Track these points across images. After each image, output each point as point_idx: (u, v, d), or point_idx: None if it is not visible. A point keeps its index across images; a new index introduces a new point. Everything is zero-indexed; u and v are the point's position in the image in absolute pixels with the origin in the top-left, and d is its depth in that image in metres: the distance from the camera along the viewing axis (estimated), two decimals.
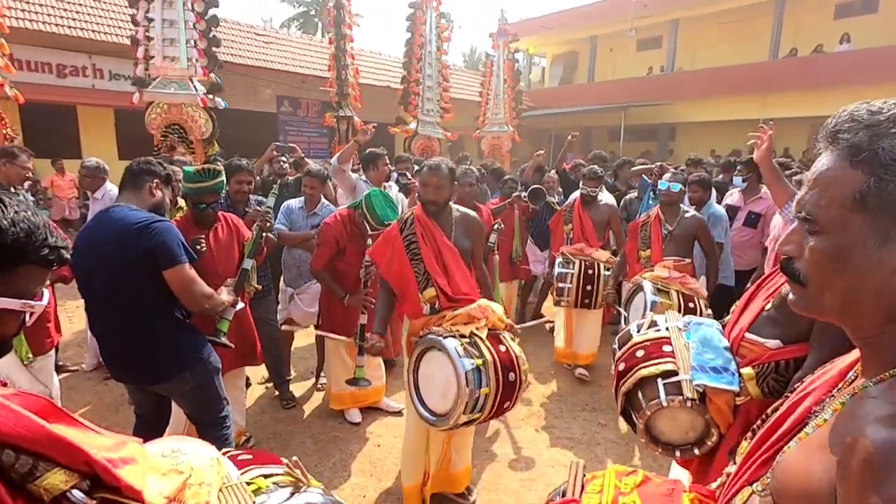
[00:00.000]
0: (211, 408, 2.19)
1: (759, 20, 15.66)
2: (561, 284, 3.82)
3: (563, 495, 0.99)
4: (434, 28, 9.16)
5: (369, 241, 3.13)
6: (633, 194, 5.14)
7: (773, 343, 1.67)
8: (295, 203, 3.67)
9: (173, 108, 6.44)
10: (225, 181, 3.11)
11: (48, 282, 0.89)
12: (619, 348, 1.95)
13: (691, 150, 11.53)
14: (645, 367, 1.78)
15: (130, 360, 2.06)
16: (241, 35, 13.56)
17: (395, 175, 4.79)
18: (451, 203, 2.50)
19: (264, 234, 2.85)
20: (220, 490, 0.93)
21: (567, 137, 5.87)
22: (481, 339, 2.12)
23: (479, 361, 2.03)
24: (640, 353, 1.84)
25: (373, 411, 3.44)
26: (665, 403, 1.68)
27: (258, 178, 4.71)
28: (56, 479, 0.72)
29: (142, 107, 6.27)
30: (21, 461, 0.69)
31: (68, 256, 0.89)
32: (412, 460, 2.46)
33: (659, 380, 1.74)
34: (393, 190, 4.30)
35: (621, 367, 1.88)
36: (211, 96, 6.66)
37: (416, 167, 4.64)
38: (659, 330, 1.92)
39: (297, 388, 3.76)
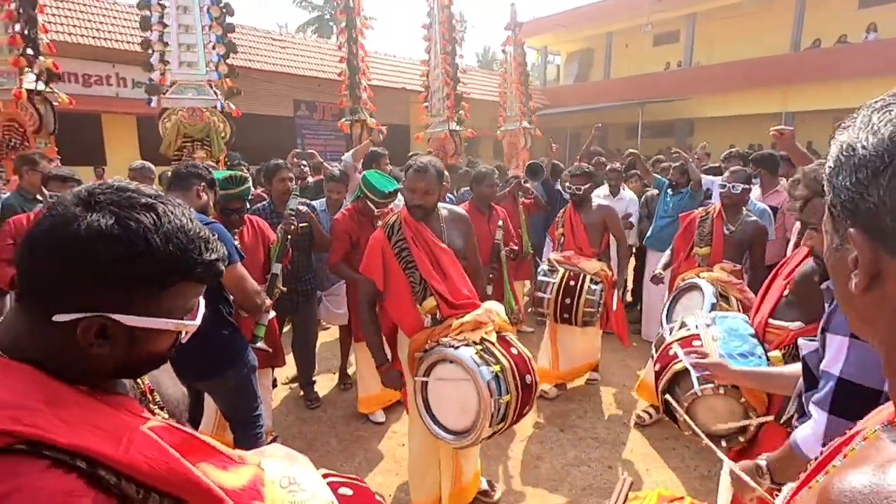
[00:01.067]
0: (247, 406, 2.24)
1: (780, 11, 15.34)
2: (540, 294, 3.38)
3: None
4: (438, 27, 9.15)
5: (379, 224, 3.16)
6: (655, 191, 5.09)
7: (795, 325, 1.76)
8: (317, 206, 3.72)
9: (193, 114, 6.58)
10: (251, 187, 3.19)
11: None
12: (656, 351, 2.05)
13: (711, 146, 11.32)
14: (678, 362, 1.85)
15: (179, 356, 2.10)
16: (258, 40, 13.76)
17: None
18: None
19: (289, 237, 2.91)
20: None
21: (591, 132, 5.76)
22: (493, 343, 2.01)
23: (497, 368, 1.93)
24: (672, 352, 1.92)
25: (395, 411, 3.48)
26: (699, 392, 1.77)
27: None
28: None
29: (155, 113, 6.40)
30: None
31: (223, 269, 0.78)
32: (421, 475, 2.37)
33: (692, 372, 1.80)
34: None
35: (657, 367, 1.97)
36: (229, 103, 6.81)
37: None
38: (689, 329, 2.00)
39: (321, 389, 3.81)
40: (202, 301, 0.81)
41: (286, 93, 13.95)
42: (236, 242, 2.75)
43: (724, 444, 1.81)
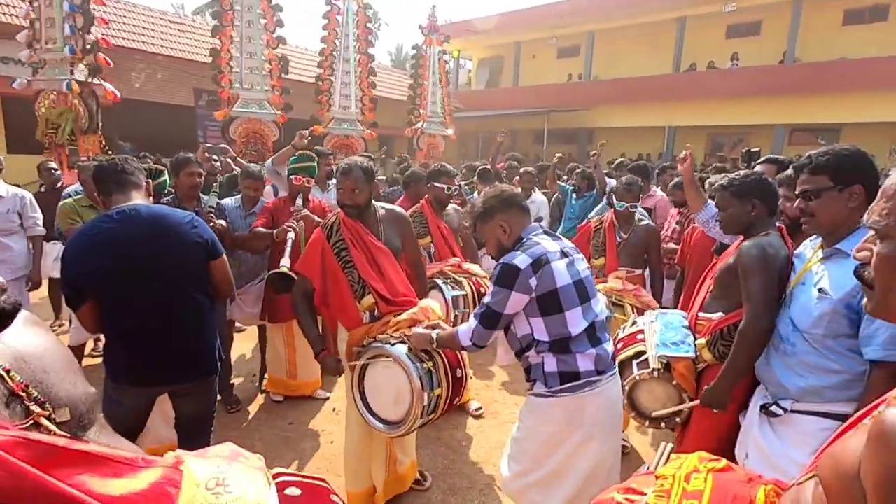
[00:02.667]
0: (214, 404, 2.19)
1: (664, 35, 17.16)
2: (458, 311, 3.03)
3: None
4: (352, 20, 8.98)
5: (298, 201, 3.32)
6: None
7: (716, 315, 2.03)
8: (231, 202, 3.58)
9: (61, 97, 5.93)
10: (168, 181, 3.01)
11: None
12: None
13: (607, 154, 12.42)
14: (622, 352, 2.14)
15: (188, 355, 1.96)
16: (152, 21, 12.64)
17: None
18: (373, 202, 2.40)
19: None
20: None
21: (497, 139, 6.05)
22: None
23: (430, 364, 2.04)
24: (619, 346, 2.20)
25: (321, 409, 3.48)
26: (637, 377, 2.02)
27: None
28: None
29: (29, 94, 5.71)
30: None
31: None
32: (356, 465, 2.43)
33: (633, 360, 2.10)
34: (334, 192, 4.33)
35: None
36: (98, 82, 6.20)
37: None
38: (637, 325, 2.29)
39: (241, 392, 3.67)
40: None
41: (186, 80, 12.94)
42: None
43: (663, 425, 2.08)
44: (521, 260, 1.72)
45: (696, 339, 2.07)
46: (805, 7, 14.72)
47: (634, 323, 2.36)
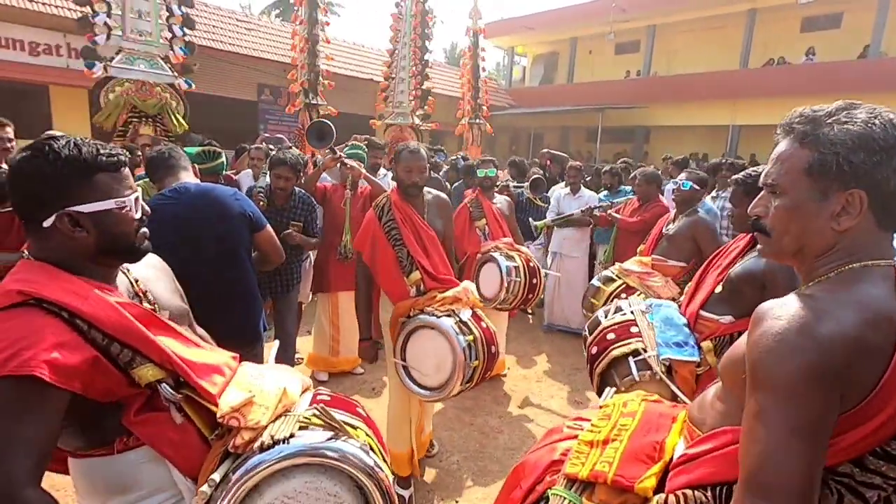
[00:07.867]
0: None
1: (731, 29, 16.27)
2: (511, 279, 3.29)
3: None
4: (409, 20, 9.21)
5: (348, 193, 3.55)
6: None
7: (726, 319, 1.90)
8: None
9: (143, 88, 6.32)
10: (224, 162, 3.22)
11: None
12: (590, 334, 2.12)
13: (665, 152, 11.95)
14: (616, 347, 1.96)
15: (235, 321, 2.11)
16: (221, 20, 13.37)
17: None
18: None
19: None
20: (279, 416, 1.07)
21: (544, 138, 5.98)
22: (468, 317, 2.32)
23: (471, 338, 2.22)
24: (610, 336, 2.02)
25: (357, 385, 3.61)
26: (637, 378, 1.87)
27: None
28: (146, 372, 0.98)
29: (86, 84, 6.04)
30: (124, 353, 0.97)
31: (125, 159, 1.07)
32: (397, 429, 2.59)
33: (630, 358, 1.92)
34: (388, 177, 4.47)
35: (594, 350, 2.04)
36: (184, 80, 6.60)
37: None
38: (625, 314, 2.10)
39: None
40: (139, 191, 1.11)
41: (250, 76, 13.62)
42: None
43: None
44: None
45: (696, 338, 1.94)
46: None
47: (619, 309, 2.14)
